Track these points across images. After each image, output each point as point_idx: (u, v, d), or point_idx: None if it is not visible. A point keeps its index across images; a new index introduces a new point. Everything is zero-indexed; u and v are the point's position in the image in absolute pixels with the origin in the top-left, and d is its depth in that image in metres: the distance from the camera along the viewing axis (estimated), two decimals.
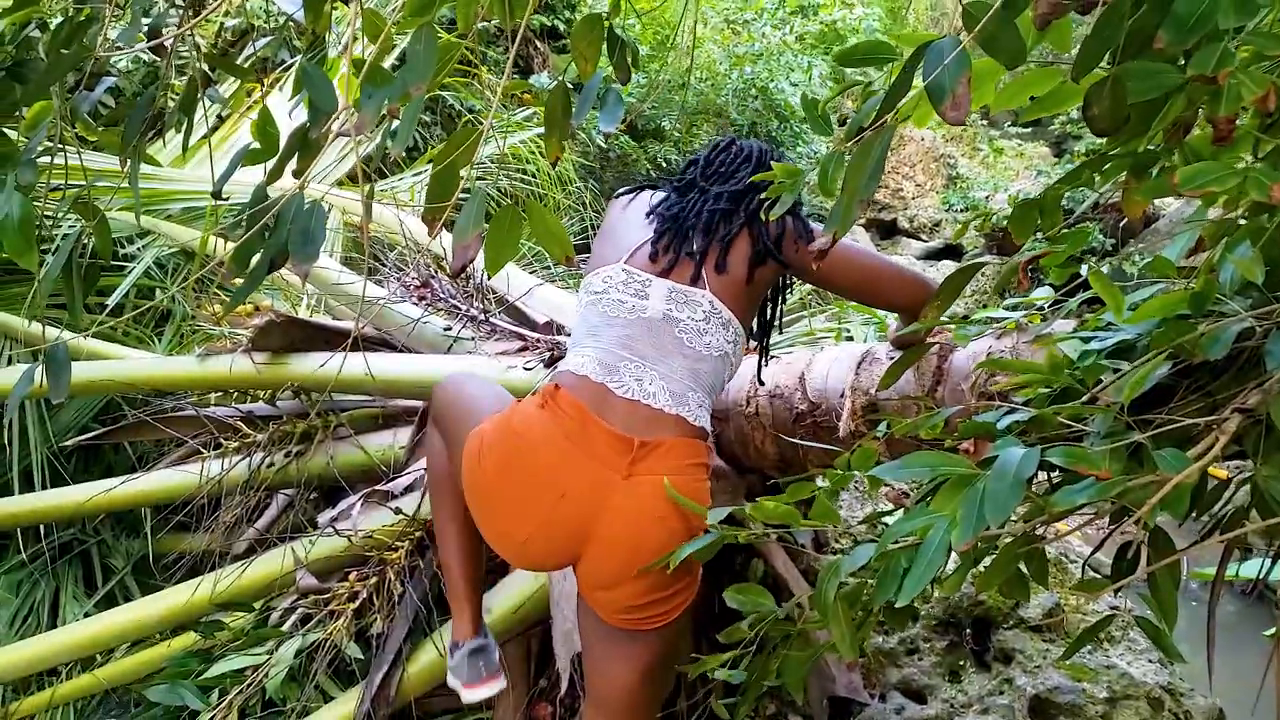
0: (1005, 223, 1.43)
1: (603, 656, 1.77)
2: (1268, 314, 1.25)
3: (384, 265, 3.29)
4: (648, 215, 1.84)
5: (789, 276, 1.94)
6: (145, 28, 1.52)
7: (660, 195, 1.89)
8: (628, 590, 1.65)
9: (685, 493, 1.61)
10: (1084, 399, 1.34)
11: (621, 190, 1.99)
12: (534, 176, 4.91)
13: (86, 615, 2.95)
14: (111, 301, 3.44)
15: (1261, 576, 1.73)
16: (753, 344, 2.10)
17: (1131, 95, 1.05)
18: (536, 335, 2.76)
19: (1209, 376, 1.38)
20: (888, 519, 1.53)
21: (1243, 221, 1.22)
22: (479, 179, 4.63)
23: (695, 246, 1.76)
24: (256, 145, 1.54)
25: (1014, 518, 1.32)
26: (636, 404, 1.67)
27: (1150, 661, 2.26)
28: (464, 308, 2.94)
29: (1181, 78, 1.02)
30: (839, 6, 10.68)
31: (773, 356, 2.29)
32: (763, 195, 1.68)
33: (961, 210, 11.20)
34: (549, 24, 7.62)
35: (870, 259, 1.91)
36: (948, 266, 10.40)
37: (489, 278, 2.92)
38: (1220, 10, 0.92)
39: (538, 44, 7.74)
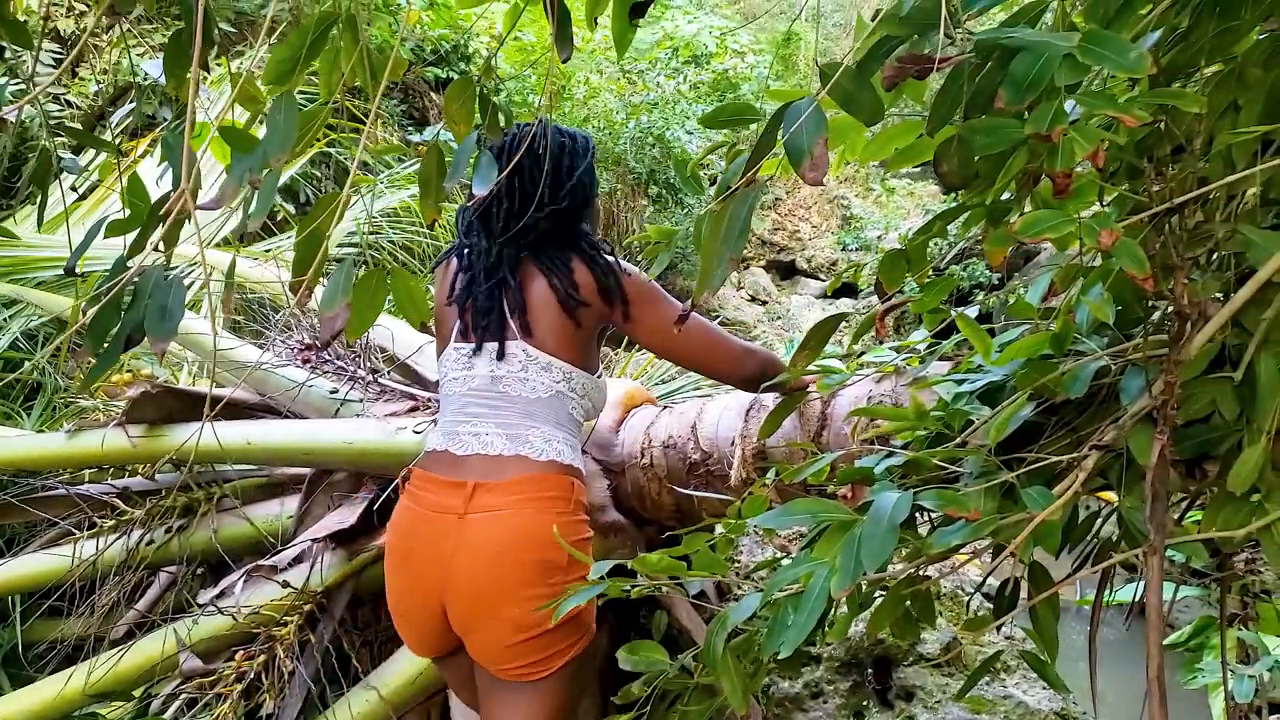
0: (875, 272, 1.47)
1: (495, 711, 1.78)
2: (1120, 352, 1.31)
3: (268, 328, 3.20)
4: (451, 292, 1.88)
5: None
6: None
7: (456, 264, 1.92)
8: (494, 631, 1.68)
9: (531, 524, 1.67)
10: (956, 441, 1.38)
11: (434, 263, 2.03)
12: (427, 229, 4.87)
13: None
14: None
15: (1138, 599, 1.80)
16: (641, 391, 2.12)
17: (979, 149, 1.09)
18: (427, 395, 2.71)
19: (1074, 413, 1.43)
20: (786, 563, 1.53)
21: (1096, 264, 1.28)
22: (371, 233, 4.57)
23: (499, 306, 1.81)
24: (122, 214, 1.48)
25: (896, 560, 1.34)
26: (477, 456, 1.75)
27: (1044, 689, 2.31)
28: (351, 369, 2.88)
29: (1024, 132, 1.07)
30: (730, 55, 10.94)
31: (665, 406, 2.30)
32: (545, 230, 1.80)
33: (856, 249, 11.52)
34: (443, 76, 7.61)
35: (705, 332, 1.88)
36: (844, 304, 10.66)
37: (349, 341, 2.87)
38: (1052, 71, 0.97)
39: (433, 95, 7.72)
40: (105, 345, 1.29)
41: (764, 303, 10.87)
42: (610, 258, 1.83)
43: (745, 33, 11.98)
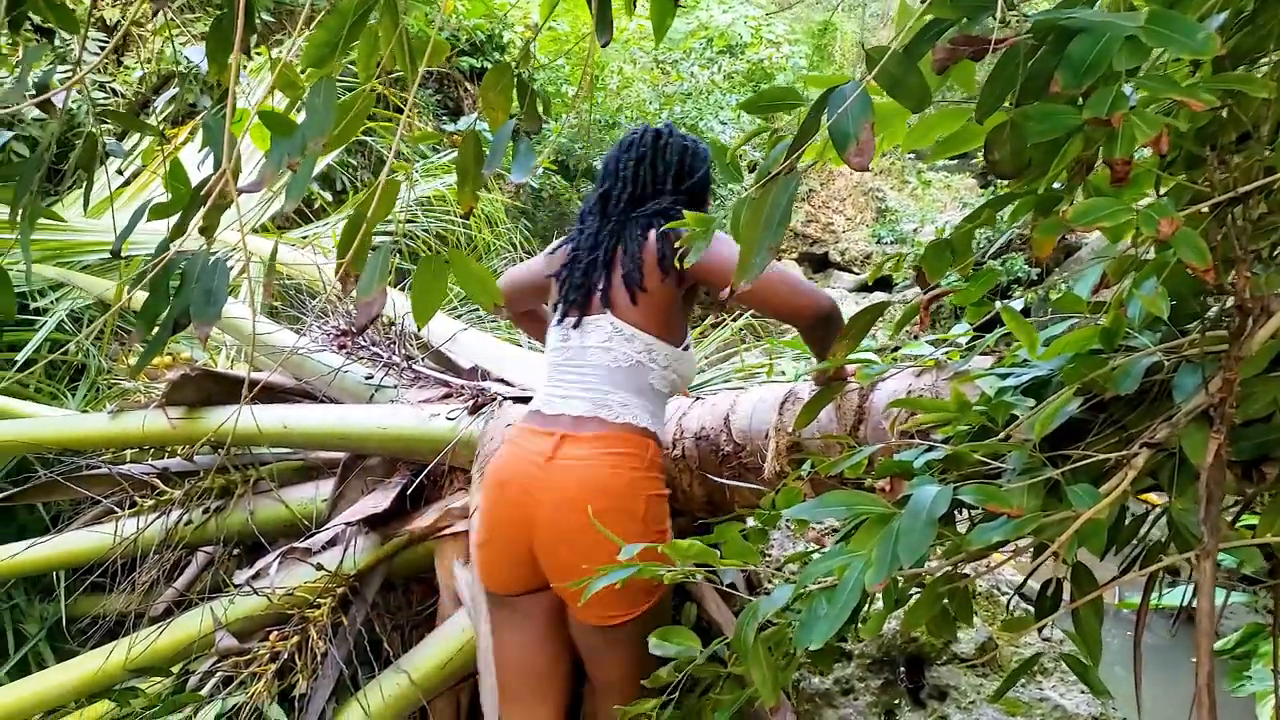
0: (918, 262, 1.44)
1: (599, 659, 1.93)
2: (1175, 348, 1.27)
3: (305, 314, 3.22)
4: (563, 264, 2.05)
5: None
6: (34, 81, 1.46)
7: (565, 245, 2.09)
8: (573, 572, 1.74)
9: (607, 476, 1.82)
10: (999, 435, 1.34)
11: (552, 246, 2.17)
12: (462, 218, 4.87)
13: None
14: (22, 356, 3.32)
15: (1186, 604, 1.75)
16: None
17: (1032, 136, 1.06)
18: (461, 382, 2.71)
19: (1124, 410, 1.39)
20: (817, 556, 1.51)
21: (1149, 257, 1.24)
22: (407, 222, 4.58)
23: (591, 279, 1.97)
24: (164, 198, 1.49)
25: (934, 556, 1.32)
26: (561, 415, 1.92)
27: (1082, 693, 2.27)
28: (386, 355, 2.89)
29: (1080, 118, 1.03)
30: (765, 45, 10.87)
31: (698, 398, 2.28)
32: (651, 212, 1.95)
33: (891, 243, 11.40)
34: (478, 66, 7.62)
35: (783, 282, 1.92)
36: (879, 298, 10.56)
37: (418, 328, 2.88)
38: (1113, 54, 0.94)
39: (467, 86, 7.73)
40: (155, 329, 1.29)
41: None
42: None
43: (781, 22, 11.89)
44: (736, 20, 10.74)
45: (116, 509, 2.75)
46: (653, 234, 1.92)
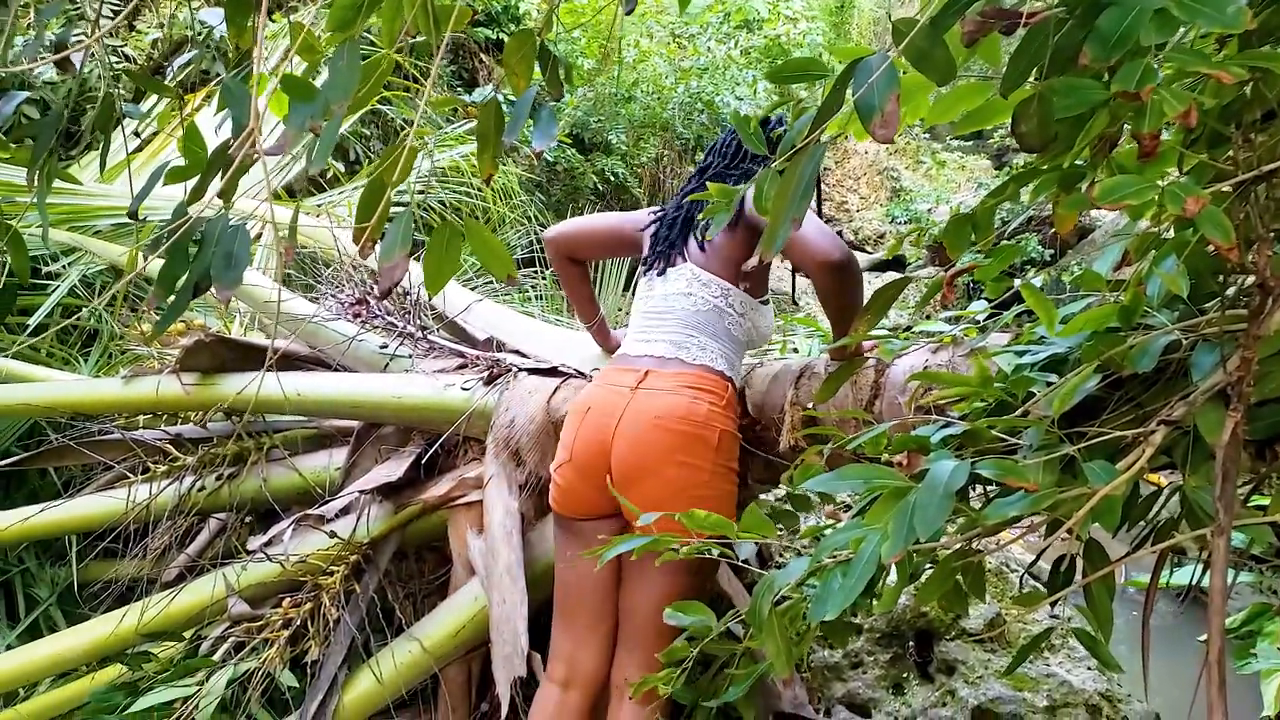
0: (940, 237, 1.43)
1: (639, 582, 1.97)
2: (1193, 327, 1.27)
3: (319, 282, 3.22)
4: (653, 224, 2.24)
5: None
6: (51, 40, 1.46)
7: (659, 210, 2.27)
8: (649, 488, 1.89)
9: (684, 404, 1.92)
10: (1016, 412, 1.34)
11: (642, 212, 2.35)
12: (477, 190, 4.86)
13: (9, 648, 2.83)
14: (34, 321, 3.33)
15: (1194, 583, 1.76)
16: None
17: (1058, 111, 1.05)
18: (475, 352, 2.72)
19: (1139, 388, 1.39)
20: (827, 532, 1.52)
21: (1168, 236, 1.23)
22: (420, 193, 4.57)
23: (674, 233, 2.13)
24: (180, 163, 1.49)
25: (949, 531, 1.32)
26: (645, 357, 2.05)
27: (1089, 669, 2.28)
28: (401, 324, 2.89)
29: (1106, 93, 1.02)
30: (783, 21, 10.77)
31: None
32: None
33: (905, 222, 11.35)
34: (494, 37, 7.57)
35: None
36: (892, 277, 10.51)
37: (429, 297, 2.88)
38: (1142, 27, 0.93)
39: (482, 57, 7.70)
40: (174, 293, 1.29)
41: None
42: None
43: None
44: None
45: (129, 474, 2.76)
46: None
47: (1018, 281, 1.48)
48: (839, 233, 11.59)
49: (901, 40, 1.07)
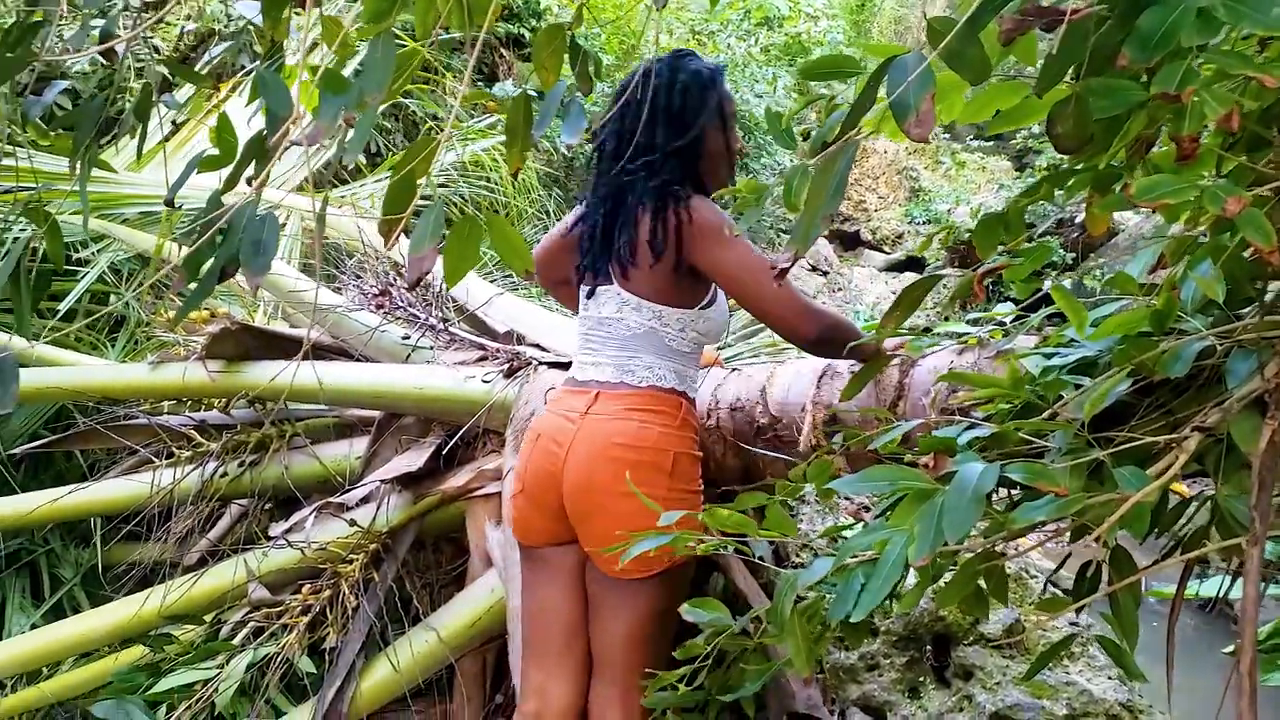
0: (968, 236, 1.43)
1: (605, 612, 1.91)
2: (1228, 332, 1.25)
3: (342, 273, 3.23)
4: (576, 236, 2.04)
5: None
6: (96, 31, 1.47)
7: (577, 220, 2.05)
8: (602, 521, 1.82)
9: (631, 429, 1.85)
10: (1045, 415, 1.34)
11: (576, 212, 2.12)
12: (496, 184, 4.87)
13: (33, 627, 2.87)
14: (64, 306, 3.36)
15: (1223, 594, 1.74)
16: (709, 352, 2.13)
17: (1095, 112, 1.04)
18: (496, 345, 2.73)
19: (1170, 394, 1.38)
20: (847, 533, 1.51)
21: (1204, 239, 1.22)
22: (441, 186, 4.58)
23: (595, 248, 1.96)
24: (213, 151, 1.50)
25: (973, 534, 1.32)
26: (592, 381, 1.95)
27: (1110, 678, 2.26)
28: (423, 316, 2.90)
29: (1145, 95, 1.02)
30: (803, 19, 10.74)
31: (734, 369, 2.28)
32: (652, 184, 1.86)
33: (924, 223, 11.30)
34: (514, 32, 7.59)
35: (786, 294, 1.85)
36: (910, 278, 10.44)
37: (447, 289, 2.89)
38: (1184, 28, 0.92)
39: (502, 52, 7.70)
40: (200, 278, 1.30)
41: (825, 273, 10.72)
42: (676, 205, 1.84)
43: None
44: None
45: (154, 459, 2.78)
46: (646, 216, 1.86)
47: (1047, 283, 1.47)
48: (856, 233, 11.57)
49: (937, 39, 1.06)
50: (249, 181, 1.38)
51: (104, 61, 1.61)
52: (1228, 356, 1.23)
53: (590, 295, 1.99)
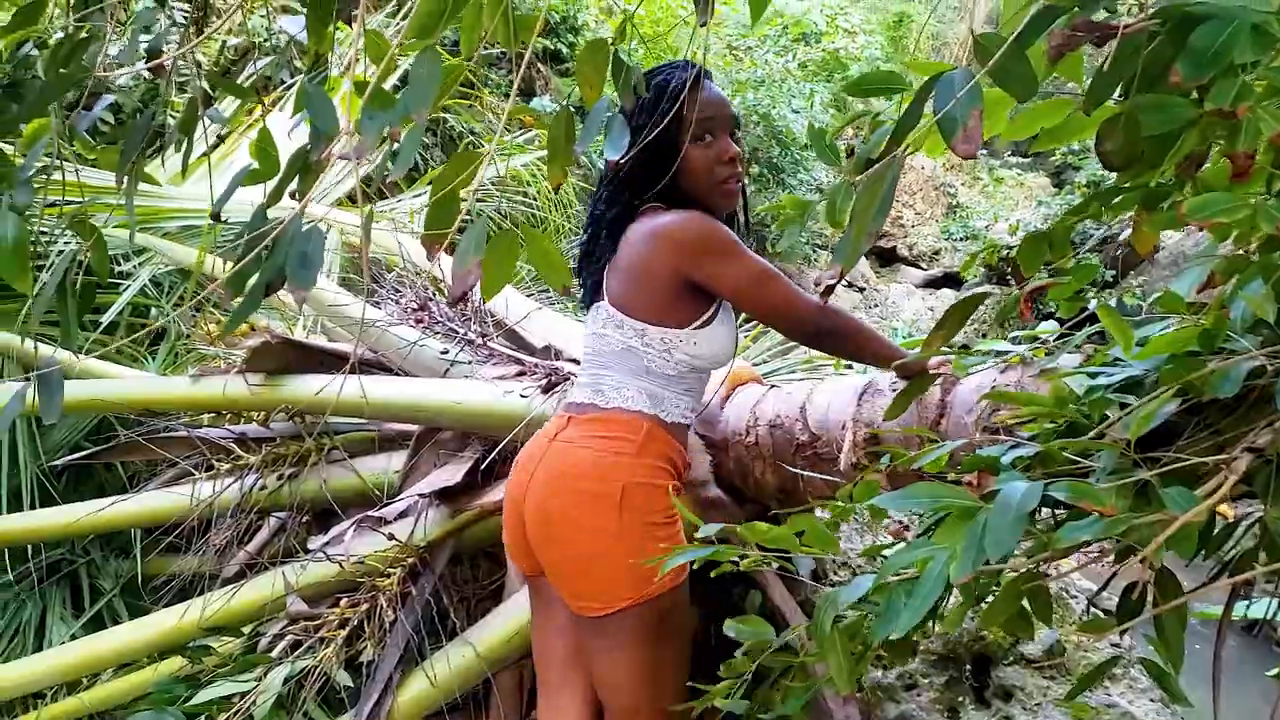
0: (1011, 252, 1.41)
1: (590, 654, 1.84)
2: (1279, 352, 1.23)
3: (381, 287, 3.27)
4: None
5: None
6: (144, 46, 1.50)
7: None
8: (555, 552, 1.78)
9: (590, 457, 1.79)
10: (1090, 435, 1.32)
11: None
12: (534, 199, 4.91)
13: (73, 637, 2.91)
14: (106, 319, 3.42)
15: (1268, 617, 1.71)
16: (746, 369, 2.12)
17: (1144, 129, 1.03)
18: (534, 360, 2.74)
19: (1218, 415, 1.36)
20: (887, 552, 1.50)
21: (1255, 258, 1.20)
22: (479, 201, 4.62)
23: (589, 271, 1.98)
24: (256, 165, 1.52)
25: (1017, 553, 1.30)
26: (570, 403, 1.94)
27: (1151, 701, 2.22)
28: (461, 331, 2.92)
29: (1196, 112, 1.01)
30: (841, 35, 10.75)
31: (773, 385, 2.27)
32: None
33: (961, 239, 11.22)
34: (551, 47, 7.66)
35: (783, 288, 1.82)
36: (947, 295, 10.39)
37: (484, 302, 2.91)
38: (1237, 44, 0.91)
39: (540, 67, 7.78)
40: (247, 292, 1.32)
41: (861, 289, 10.68)
42: (662, 215, 1.82)
43: (857, 12, 11.75)
44: (812, 8, 10.63)
45: (193, 471, 2.82)
46: (627, 235, 1.86)
47: (1092, 302, 1.46)
48: (893, 249, 11.51)
49: (986, 56, 1.06)
50: (293, 195, 1.40)
51: (148, 76, 1.64)
52: (1278, 377, 1.21)
53: (585, 310, 2.01)
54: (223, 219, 1.48)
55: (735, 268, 1.79)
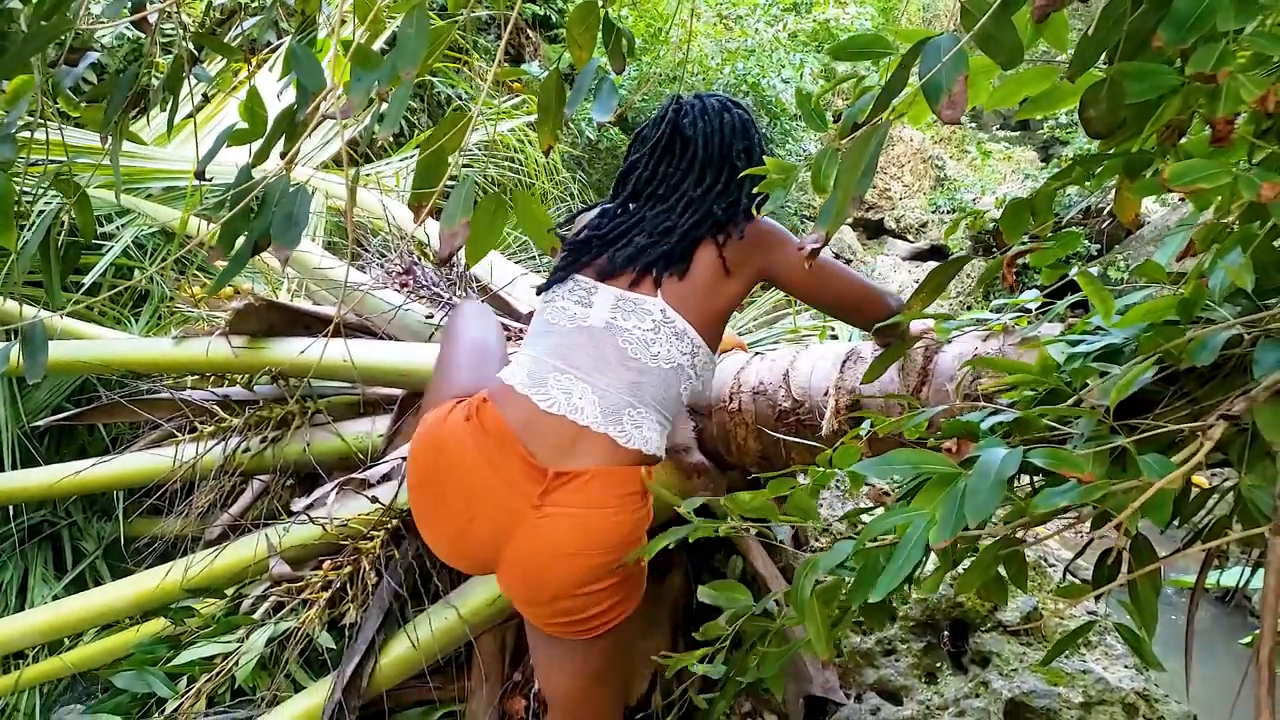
0: (996, 223, 1.42)
1: (544, 661, 1.78)
2: (1256, 321, 1.25)
3: (366, 251, 3.25)
4: (602, 224, 1.82)
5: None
6: (129, 2, 1.48)
7: (611, 207, 1.86)
8: (544, 610, 1.65)
9: (610, 527, 1.58)
10: (1070, 402, 1.33)
11: (583, 208, 1.96)
12: (521, 165, 4.88)
13: (55, 598, 2.91)
14: (88, 280, 3.39)
15: (1242, 584, 1.74)
16: (732, 336, 2.10)
17: (1128, 96, 1.04)
18: (519, 325, 2.73)
19: (1195, 383, 1.37)
20: (867, 517, 1.52)
21: (1234, 227, 1.21)
22: (465, 166, 4.59)
23: (652, 254, 1.71)
24: (242, 125, 1.51)
25: (994, 520, 1.32)
26: (562, 419, 1.61)
27: (1126, 667, 2.26)
28: (446, 296, 2.91)
29: (1179, 79, 1.01)
30: (832, 4, 10.66)
31: (757, 353, 2.28)
32: (734, 197, 1.77)
33: (949, 212, 11.22)
34: (540, 13, 7.57)
35: (851, 277, 1.83)
36: (933, 267, 10.38)
37: (469, 267, 2.90)
38: (1220, 10, 0.91)
39: (529, 32, 7.69)
40: (234, 253, 1.32)
41: (849, 261, 10.67)
42: (739, 223, 1.78)
43: None
44: None
45: (176, 433, 2.81)
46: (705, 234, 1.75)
47: (1073, 270, 1.47)
48: (880, 221, 11.50)
49: (971, 21, 1.06)
50: (281, 156, 1.39)
51: (132, 34, 1.62)
52: (1255, 346, 1.22)
53: (616, 281, 1.72)
54: (208, 179, 1.47)
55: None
